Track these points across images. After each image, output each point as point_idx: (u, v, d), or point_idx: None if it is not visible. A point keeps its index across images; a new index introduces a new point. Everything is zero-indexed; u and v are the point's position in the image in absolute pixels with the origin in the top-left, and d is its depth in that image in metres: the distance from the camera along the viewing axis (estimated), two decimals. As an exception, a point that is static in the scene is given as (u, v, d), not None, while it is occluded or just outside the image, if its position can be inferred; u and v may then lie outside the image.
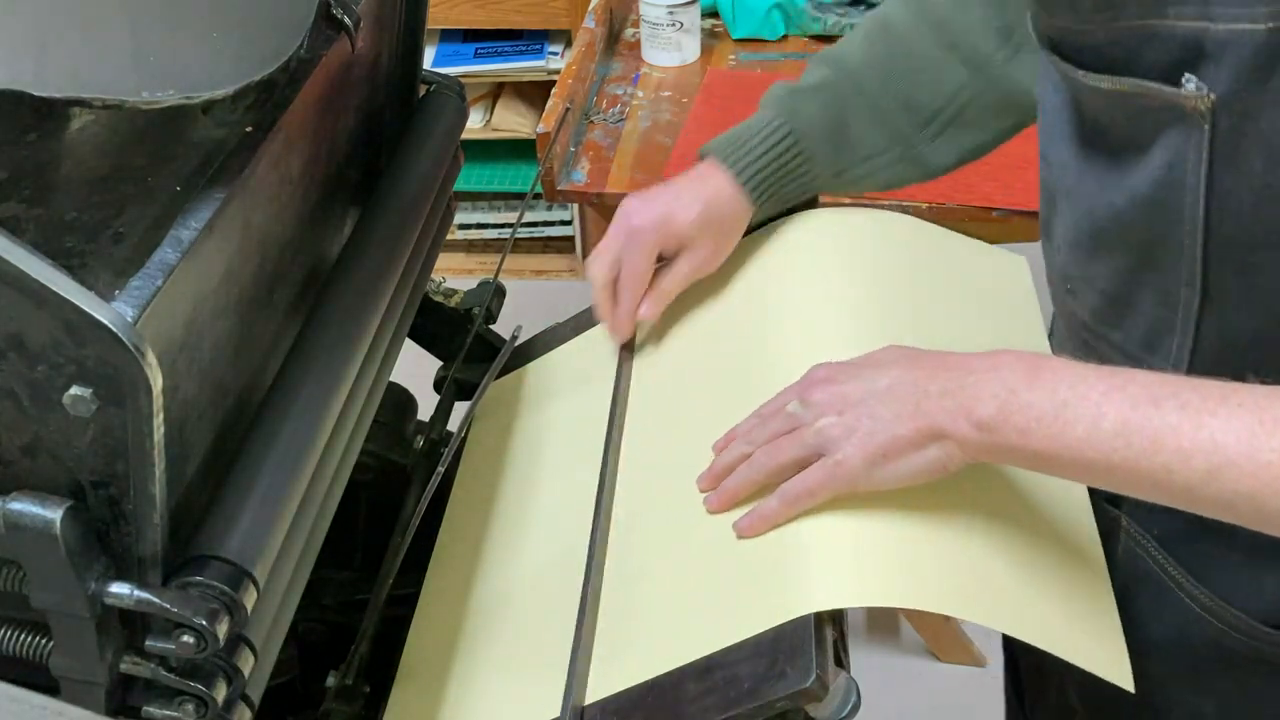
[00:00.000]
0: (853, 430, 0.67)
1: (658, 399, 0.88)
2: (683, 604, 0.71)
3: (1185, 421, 0.57)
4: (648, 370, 0.91)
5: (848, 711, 0.62)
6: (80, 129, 0.70)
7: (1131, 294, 0.69)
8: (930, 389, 0.65)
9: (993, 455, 0.65)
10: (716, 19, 1.69)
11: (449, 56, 2.30)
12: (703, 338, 0.91)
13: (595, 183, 1.35)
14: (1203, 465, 0.56)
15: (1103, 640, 0.67)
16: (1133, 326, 0.70)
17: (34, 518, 0.55)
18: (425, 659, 0.84)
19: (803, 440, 0.69)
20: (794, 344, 0.82)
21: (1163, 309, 0.67)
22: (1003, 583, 0.67)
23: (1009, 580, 0.67)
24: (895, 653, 1.83)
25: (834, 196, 0.94)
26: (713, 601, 0.70)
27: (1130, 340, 0.70)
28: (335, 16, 0.77)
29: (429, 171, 0.94)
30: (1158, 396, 0.58)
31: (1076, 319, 0.75)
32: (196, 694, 0.60)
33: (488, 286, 1.08)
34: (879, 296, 0.85)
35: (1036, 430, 0.61)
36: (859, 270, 0.88)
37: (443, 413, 1.03)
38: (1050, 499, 0.73)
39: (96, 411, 0.53)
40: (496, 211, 2.49)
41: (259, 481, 0.66)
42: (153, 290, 0.56)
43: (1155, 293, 0.67)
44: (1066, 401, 0.60)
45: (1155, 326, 0.68)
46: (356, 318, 0.79)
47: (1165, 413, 0.58)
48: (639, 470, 0.83)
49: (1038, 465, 0.64)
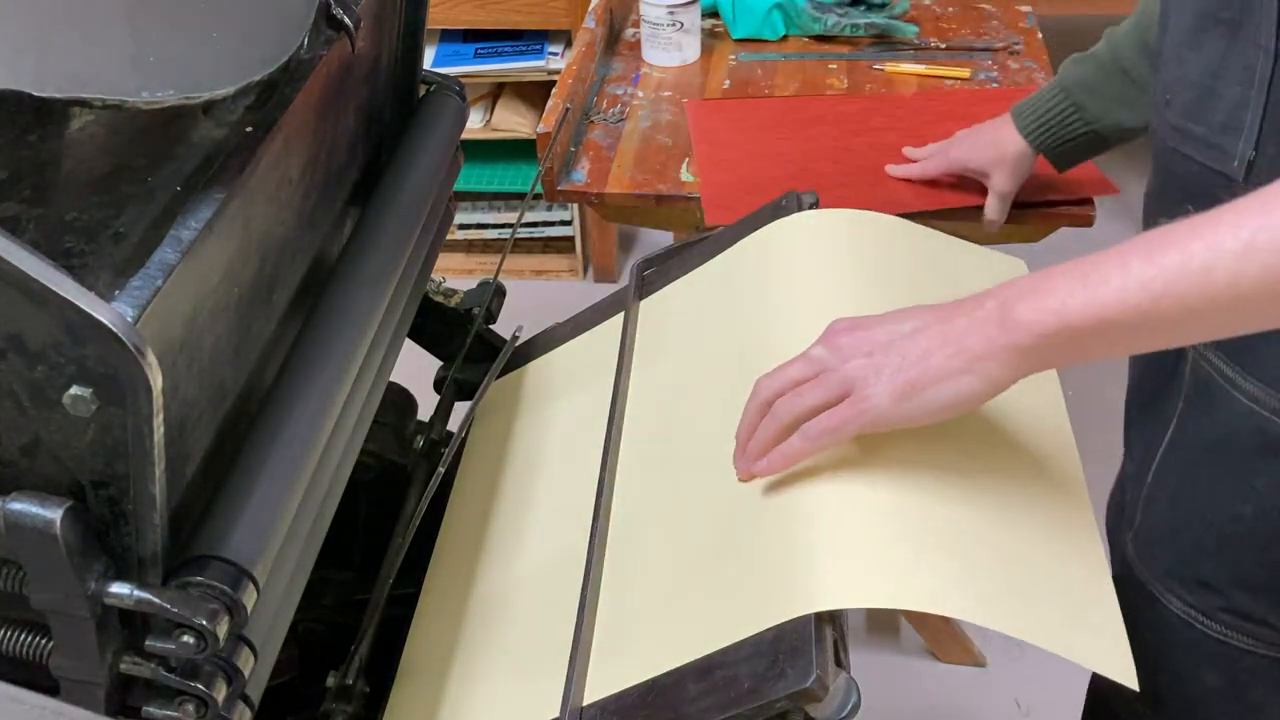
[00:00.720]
0: (880, 369, 0.67)
1: (657, 399, 0.88)
2: (682, 604, 0.71)
3: (1200, 226, 0.60)
4: (647, 370, 0.91)
5: (848, 711, 0.62)
6: (80, 129, 0.70)
7: (1217, 80, 0.76)
8: (956, 322, 0.66)
9: (1032, 356, 0.65)
10: (717, 19, 1.69)
11: (449, 56, 2.30)
12: (703, 338, 0.91)
13: (595, 183, 1.35)
14: (1233, 244, 0.58)
15: (1105, 638, 0.67)
16: (1215, 111, 0.76)
17: (34, 518, 0.55)
18: (425, 658, 0.84)
19: (828, 384, 0.69)
20: (793, 346, 0.82)
21: (1240, 87, 0.74)
22: (1003, 583, 0.67)
23: (1009, 580, 0.67)
24: (895, 653, 1.83)
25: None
26: (712, 601, 0.70)
27: (1213, 128, 0.76)
28: (335, 17, 0.77)
29: (429, 171, 0.94)
30: (1165, 232, 0.61)
31: (1166, 126, 0.81)
32: (196, 694, 0.60)
33: (488, 286, 1.08)
34: (878, 300, 0.85)
35: (1071, 302, 0.62)
36: (858, 272, 0.88)
37: (443, 413, 1.03)
38: (1051, 497, 0.73)
39: (96, 411, 0.53)
40: (496, 211, 2.49)
41: (259, 481, 0.66)
42: (153, 290, 0.56)
43: (1237, 72, 0.74)
44: (1087, 272, 0.62)
45: (1235, 107, 0.74)
46: (356, 318, 0.79)
47: (1178, 233, 0.60)
48: (638, 470, 0.83)
49: (1084, 344, 0.64)
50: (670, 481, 0.79)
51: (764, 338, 0.85)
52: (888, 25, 1.62)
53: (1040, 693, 1.75)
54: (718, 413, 0.79)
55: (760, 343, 0.85)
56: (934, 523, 0.68)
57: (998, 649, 1.80)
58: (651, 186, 1.33)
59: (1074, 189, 1.25)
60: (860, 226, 0.92)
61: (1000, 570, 0.67)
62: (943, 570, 0.66)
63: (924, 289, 0.89)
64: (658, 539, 0.77)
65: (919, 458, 0.71)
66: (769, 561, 0.69)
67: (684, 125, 1.45)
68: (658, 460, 0.83)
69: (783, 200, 0.95)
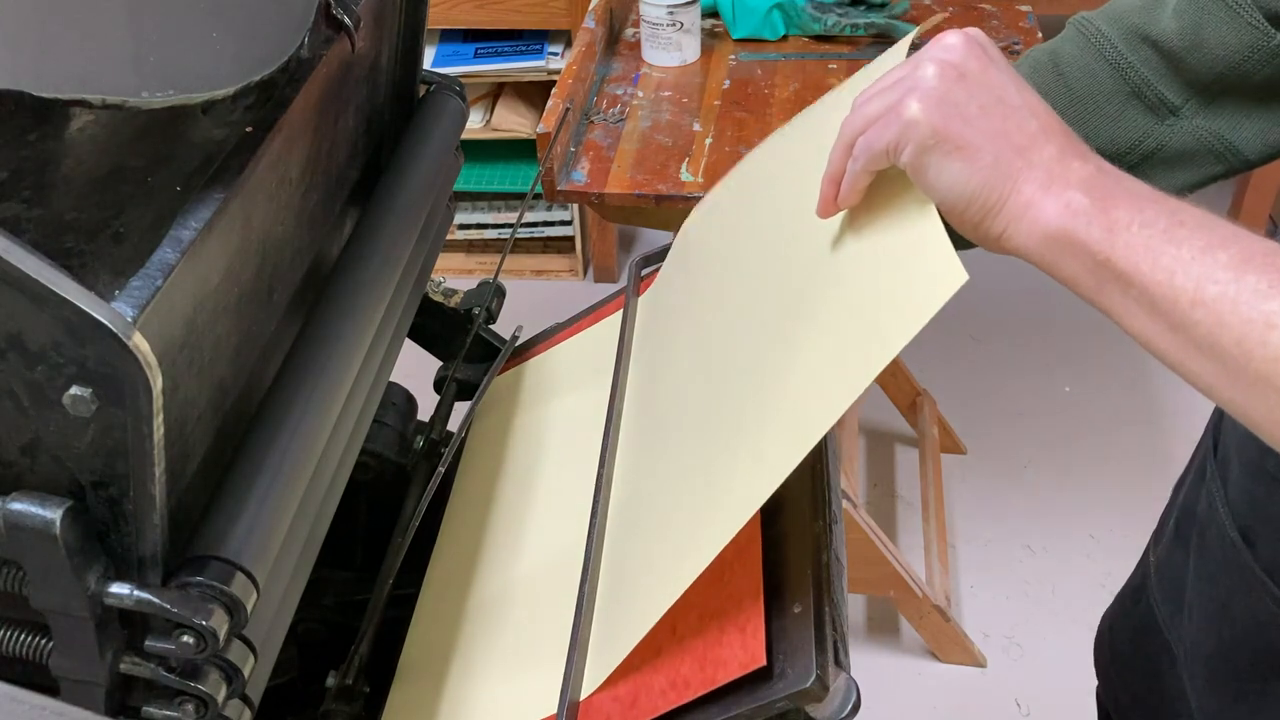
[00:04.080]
0: (947, 97, 0.60)
1: (656, 398, 0.88)
2: (663, 565, 0.71)
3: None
4: (646, 369, 0.91)
5: (848, 711, 0.62)
6: (80, 129, 0.70)
7: None
8: (1045, 151, 0.59)
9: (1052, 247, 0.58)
10: (717, 19, 1.69)
11: (449, 56, 2.30)
12: (700, 338, 0.91)
13: (595, 183, 1.35)
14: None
15: (939, 265, 0.61)
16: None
17: (34, 518, 0.55)
18: (424, 657, 0.84)
19: (893, 91, 0.61)
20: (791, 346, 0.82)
21: None
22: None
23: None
24: (895, 653, 1.83)
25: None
26: (686, 543, 0.69)
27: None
28: (335, 16, 0.77)
29: (429, 171, 0.94)
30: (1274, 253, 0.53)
31: None
32: (196, 694, 0.60)
33: (488, 286, 1.08)
34: None
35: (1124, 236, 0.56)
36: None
37: (443, 413, 1.03)
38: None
39: (96, 411, 0.53)
40: (496, 212, 2.49)
41: (259, 481, 0.66)
42: (153, 290, 0.56)
43: None
44: (1170, 226, 0.55)
45: None
46: (356, 317, 0.79)
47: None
48: (637, 468, 0.83)
49: (1101, 279, 0.57)
50: (669, 480, 0.79)
51: (765, 338, 0.85)
52: (888, 25, 1.62)
53: (1040, 693, 1.76)
54: (717, 412, 0.79)
55: (761, 343, 0.85)
56: None
57: (998, 649, 1.80)
58: (651, 187, 1.33)
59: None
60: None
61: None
62: None
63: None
64: (656, 537, 0.77)
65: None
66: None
67: (684, 125, 1.45)
68: (656, 459, 0.83)
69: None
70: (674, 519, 0.73)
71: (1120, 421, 2.17)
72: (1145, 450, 2.12)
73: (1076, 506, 2.04)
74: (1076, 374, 2.26)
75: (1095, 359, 2.28)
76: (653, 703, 0.66)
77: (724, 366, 0.80)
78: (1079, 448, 2.13)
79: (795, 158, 0.83)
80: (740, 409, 0.74)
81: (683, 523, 0.71)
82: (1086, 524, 2.00)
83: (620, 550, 0.78)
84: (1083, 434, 2.15)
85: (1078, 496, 2.06)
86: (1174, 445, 2.12)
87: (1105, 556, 1.94)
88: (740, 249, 0.88)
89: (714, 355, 0.83)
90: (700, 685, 0.64)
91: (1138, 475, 2.06)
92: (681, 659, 0.67)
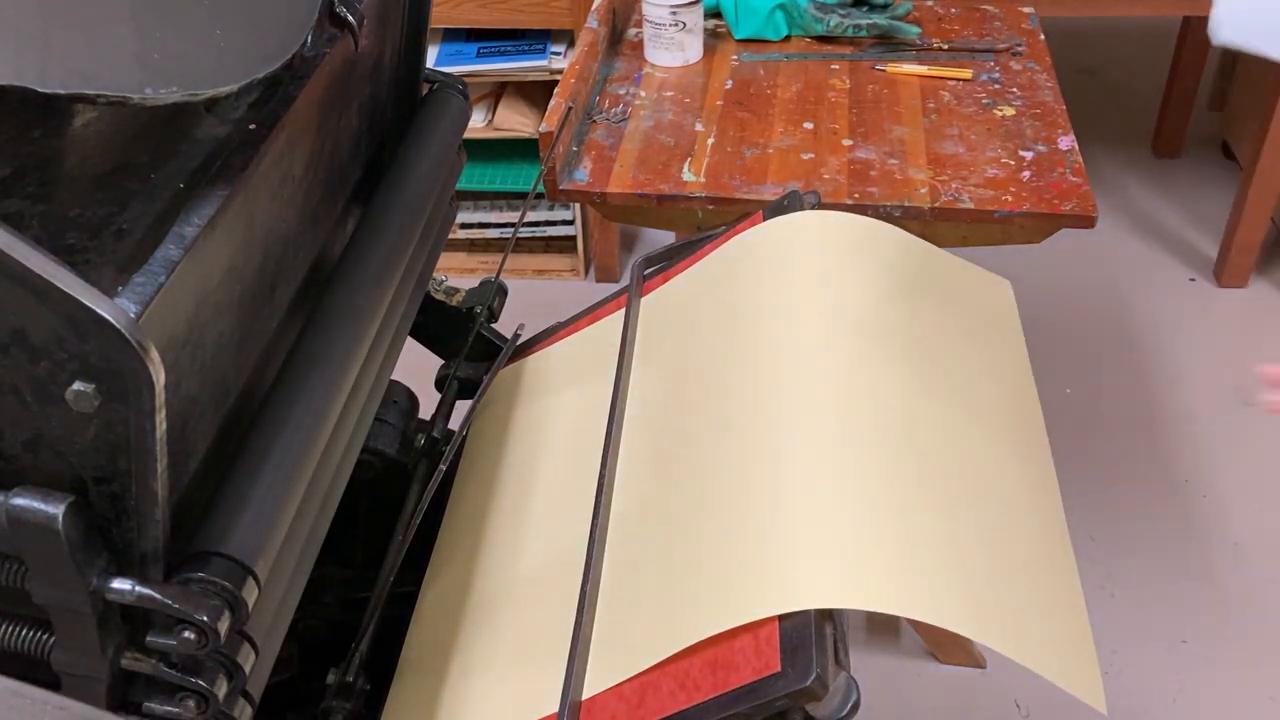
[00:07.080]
0: None
1: (656, 397, 0.88)
2: (680, 597, 0.71)
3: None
4: (647, 368, 0.91)
5: (848, 711, 0.62)
6: (84, 126, 0.70)
7: None
8: None
9: None
10: (719, 19, 1.69)
11: (452, 56, 2.30)
12: (702, 337, 0.91)
13: (597, 182, 1.35)
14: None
15: (1078, 661, 0.67)
16: None
17: (36, 513, 0.55)
18: (425, 655, 0.84)
19: None
20: (792, 347, 0.82)
21: None
22: (987, 597, 0.67)
23: (994, 595, 0.68)
24: (895, 653, 1.83)
25: (834, 198, 0.94)
26: (711, 594, 0.70)
27: None
28: (339, 15, 0.77)
29: (431, 170, 0.94)
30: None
31: None
32: (198, 690, 0.60)
33: (490, 285, 1.08)
34: (875, 307, 0.86)
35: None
36: (853, 274, 0.88)
37: (444, 411, 1.03)
38: (1032, 513, 0.73)
39: (99, 407, 0.53)
40: (498, 211, 2.49)
41: (261, 478, 0.66)
42: (156, 287, 0.56)
43: None
44: None
45: None
46: (359, 315, 0.79)
47: None
48: (638, 467, 0.83)
49: None
50: (670, 479, 0.79)
51: (764, 338, 0.85)
52: (890, 26, 1.62)
53: (1040, 693, 1.75)
54: (717, 411, 0.79)
55: (761, 343, 0.85)
56: (924, 531, 0.68)
57: (998, 650, 1.80)
58: (653, 186, 1.33)
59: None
60: (858, 232, 0.92)
61: (986, 584, 0.68)
62: (942, 581, 0.66)
63: (914, 299, 0.89)
64: (657, 535, 0.77)
65: (916, 464, 0.71)
66: (765, 558, 0.69)
67: (686, 125, 1.45)
68: (657, 457, 0.83)
69: (785, 200, 0.96)
70: (702, 530, 0.73)
71: (1120, 422, 2.17)
72: (1145, 451, 2.12)
73: (1076, 507, 2.04)
74: (1076, 375, 2.27)
75: (1095, 359, 2.28)
76: (661, 703, 0.66)
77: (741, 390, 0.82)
78: (1079, 448, 2.14)
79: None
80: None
81: (712, 539, 0.72)
82: (1086, 524, 2.00)
83: (627, 552, 0.78)
84: (1083, 434, 2.15)
85: (1078, 497, 2.06)
86: (1174, 446, 2.12)
87: (1105, 557, 1.94)
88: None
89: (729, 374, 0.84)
90: (711, 688, 0.65)
91: (1138, 476, 2.06)
92: (691, 660, 0.67)
